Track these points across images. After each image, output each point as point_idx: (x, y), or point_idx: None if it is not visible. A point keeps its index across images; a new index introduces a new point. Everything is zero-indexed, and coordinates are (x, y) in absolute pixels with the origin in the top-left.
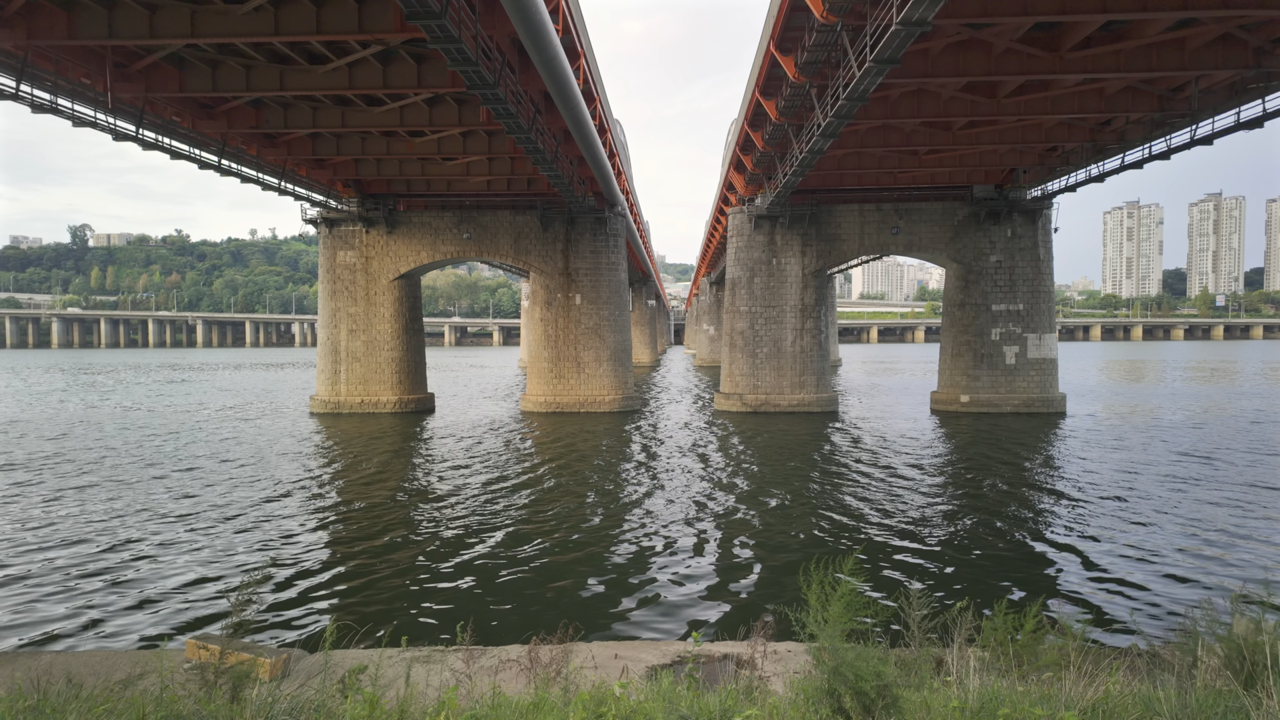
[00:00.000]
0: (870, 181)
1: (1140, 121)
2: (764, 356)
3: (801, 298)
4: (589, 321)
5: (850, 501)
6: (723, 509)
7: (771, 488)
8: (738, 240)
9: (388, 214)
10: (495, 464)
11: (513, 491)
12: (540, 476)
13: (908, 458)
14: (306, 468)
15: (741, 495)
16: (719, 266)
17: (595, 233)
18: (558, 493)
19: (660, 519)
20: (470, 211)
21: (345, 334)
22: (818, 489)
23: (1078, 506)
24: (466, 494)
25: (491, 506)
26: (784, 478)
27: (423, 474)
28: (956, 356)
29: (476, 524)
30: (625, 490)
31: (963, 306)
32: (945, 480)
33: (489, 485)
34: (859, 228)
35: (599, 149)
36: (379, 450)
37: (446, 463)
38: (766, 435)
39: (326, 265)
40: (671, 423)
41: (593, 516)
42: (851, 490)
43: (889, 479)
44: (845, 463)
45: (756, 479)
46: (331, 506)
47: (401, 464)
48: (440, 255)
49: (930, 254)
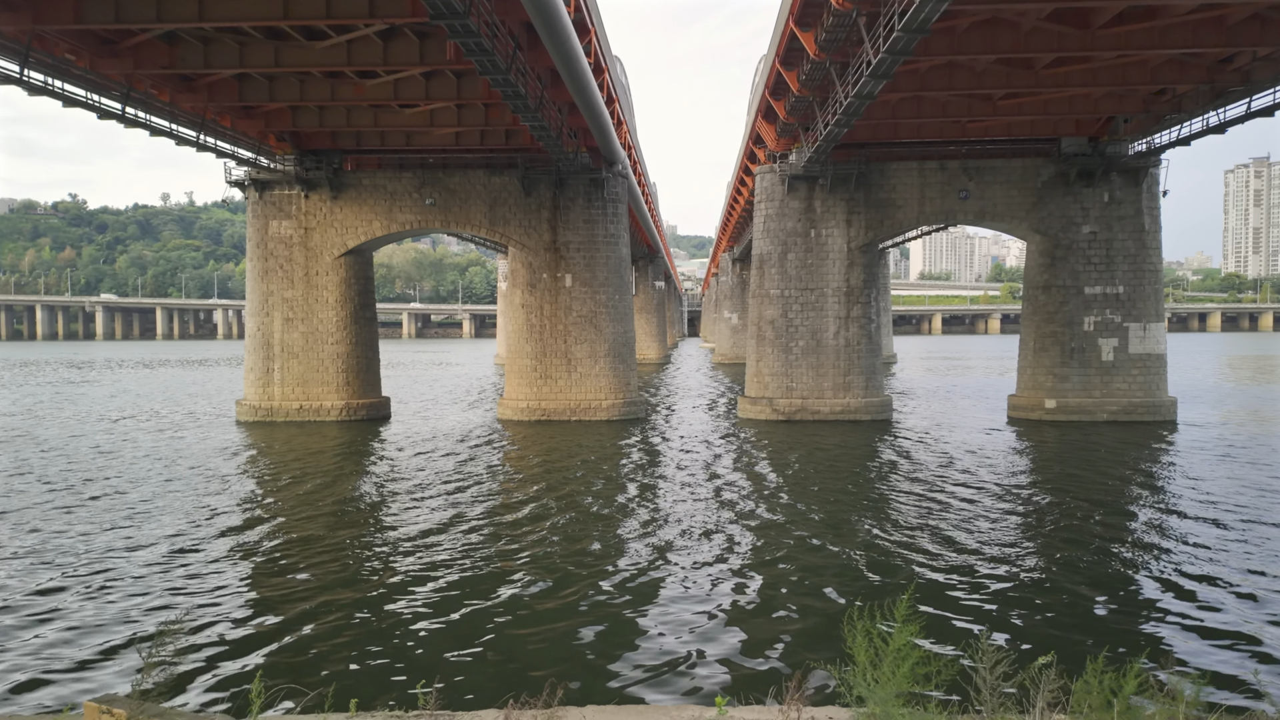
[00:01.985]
0: (933, 133)
1: (1271, 58)
2: (800, 352)
3: (846, 278)
4: (582, 308)
5: (906, 534)
6: (747, 542)
7: (808, 516)
8: (767, 207)
9: (332, 174)
10: (465, 485)
11: (488, 518)
12: (521, 501)
13: (977, 479)
14: (232, 492)
15: (770, 525)
16: (744, 239)
17: (590, 197)
18: (543, 521)
19: (669, 553)
20: (434, 172)
21: (280, 324)
22: (865, 518)
23: (1190, 541)
24: (429, 522)
25: (461, 537)
26: (823, 503)
27: (375, 498)
28: (1040, 352)
29: (442, 559)
30: (626, 518)
31: (1048, 289)
32: (1023, 507)
33: (457, 511)
34: (918, 191)
35: (594, 93)
36: (321, 468)
37: (405, 483)
38: (802, 450)
39: (257, 238)
40: (684, 434)
41: (586, 550)
42: (908, 520)
43: (954, 505)
44: (900, 485)
45: (789, 505)
46: (263, 539)
47: (349, 486)
48: (397, 226)
49: (1007, 224)
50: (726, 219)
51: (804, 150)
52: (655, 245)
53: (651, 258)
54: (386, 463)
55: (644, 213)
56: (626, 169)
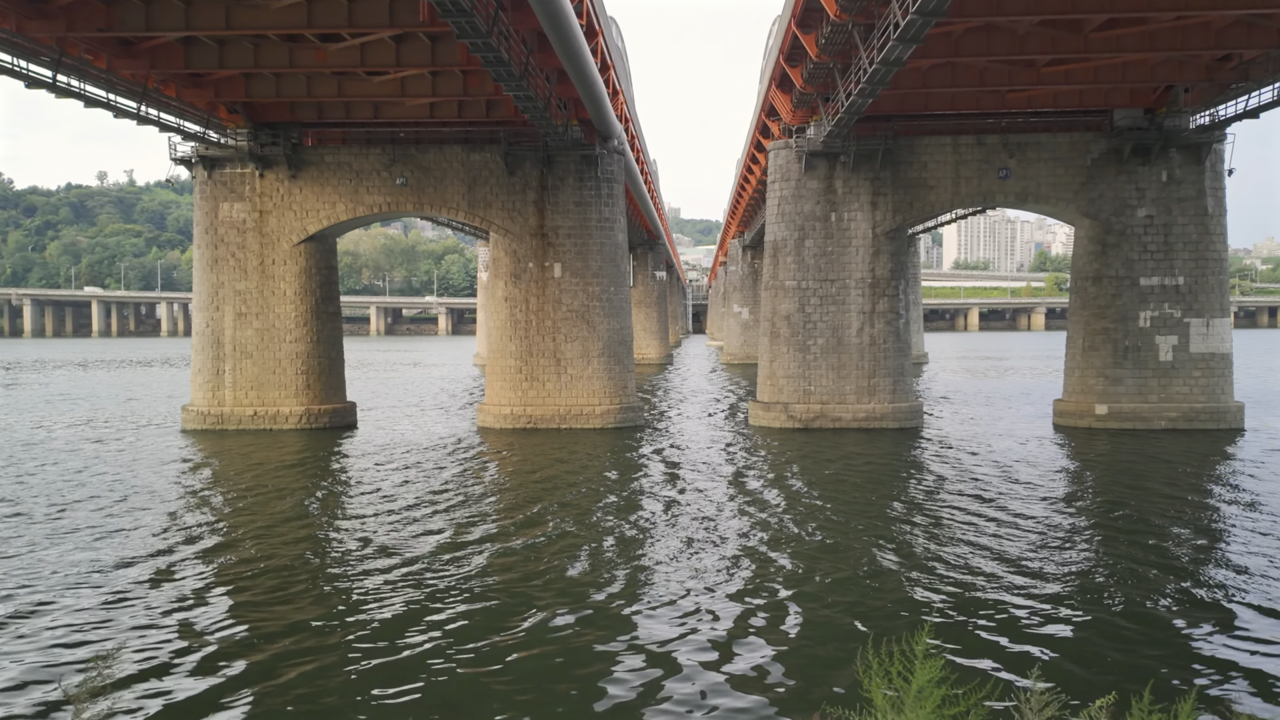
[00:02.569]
0: (969, 104)
1: None
2: (819, 351)
3: (871, 268)
4: (573, 301)
5: (939, 557)
6: (760, 567)
7: (827, 537)
8: (782, 187)
9: (290, 150)
10: (441, 504)
11: (466, 542)
12: (505, 522)
13: (1019, 495)
14: (177, 512)
15: (785, 547)
16: (755, 224)
17: (582, 177)
18: (531, 545)
19: (673, 580)
20: (406, 148)
21: (231, 319)
22: (892, 539)
23: (1263, 570)
24: (401, 547)
25: (438, 565)
26: (845, 523)
27: (340, 518)
28: (1090, 350)
29: (418, 590)
30: (624, 541)
31: (1098, 280)
32: (1071, 528)
33: (433, 534)
34: (952, 169)
35: (586, 59)
36: (278, 484)
37: (373, 502)
38: (821, 462)
39: (205, 223)
40: (688, 444)
41: (580, 577)
42: (941, 541)
43: (992, 525)
44: (932, 502)
45: (805, 525)
46: (213, 567)
47: (310, 505)
48: (364, 209)
49: (1052, 206)
50: (736, 201)
51: (823, 123)
52: (656, 231)
53: (651, 245)
54: (352, 478)
55: (643, 194)
56: (623, 144)
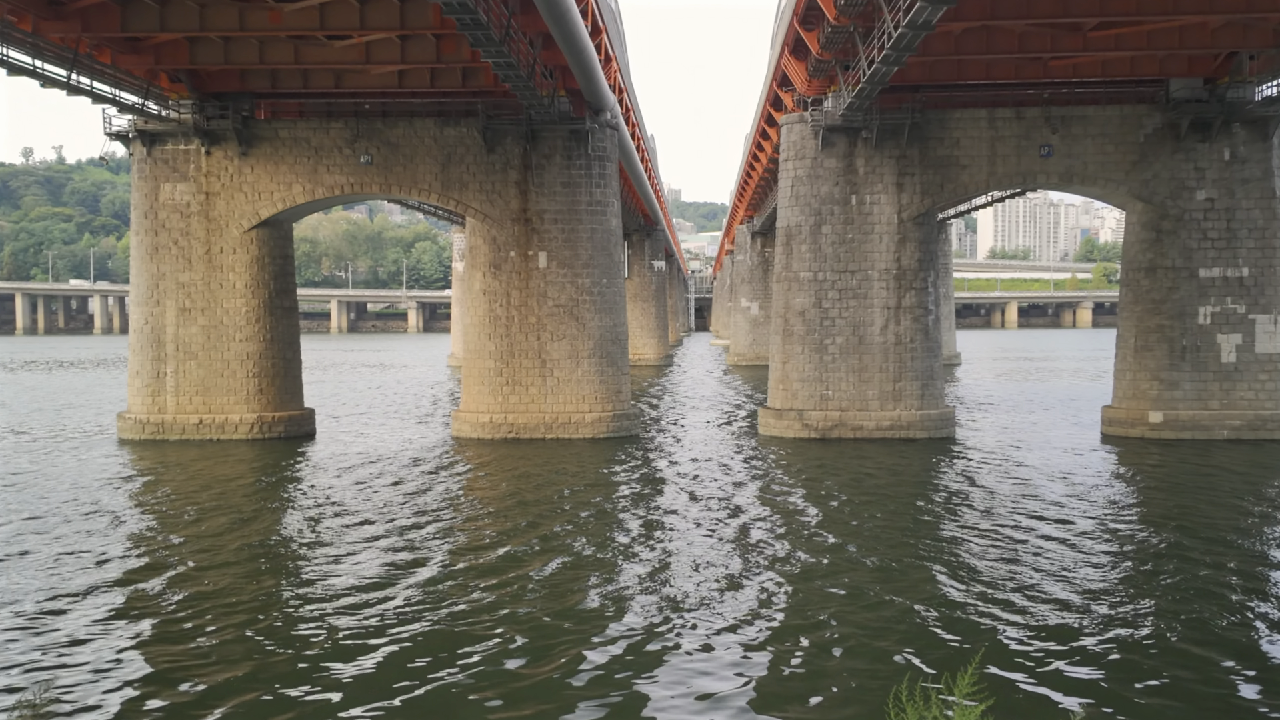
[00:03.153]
0: (1006, 73)
1: None
2: (838, 351)
3: (897, 257)
4: (560, 295)
5: (976, 586)
6: (775, 597)
7: (850, 562)
8: (796, 166)
9: (241, 124)
10: (413, 524)
11: (444, 567)
12: (486, 544)
13: (1064, 514)
14: (114, 533)
15: (802, 574)
16: (766, 208)
17: (570, 154)
18: (516, 571)
19: (679, 611)
20: (372, 121)
21: (174, 315)
22: (923, 566)
23: None
24: (369, 572)
25: (411, 592)
26: (869, 546)
27: (299, 541)
28: (1142, 351)
29: (389, 620)
30: (621, 566)
31: (1152, 272)
32: (1125, 552)
33: (405, 558)
34: (988, 146)
35: (575, 21)
36: (228, 502)
37: (335, 522)
38: (841, 477)
39: (145, 206)
40: (691, 456)
41: (573, 608)
42: (977, 568)
43: (1035, 549)
44: (967, 523)
45: (825, 548)
46: (155, 597)
47: (264, 525)
48: (324, 190)
49: (1100, 188)
50: (744, 182)
51: (842, 94)
52: (654, 215)
53: (649, 231)
54: (312, 496)
55: (639, 174)
56: (617, 118)
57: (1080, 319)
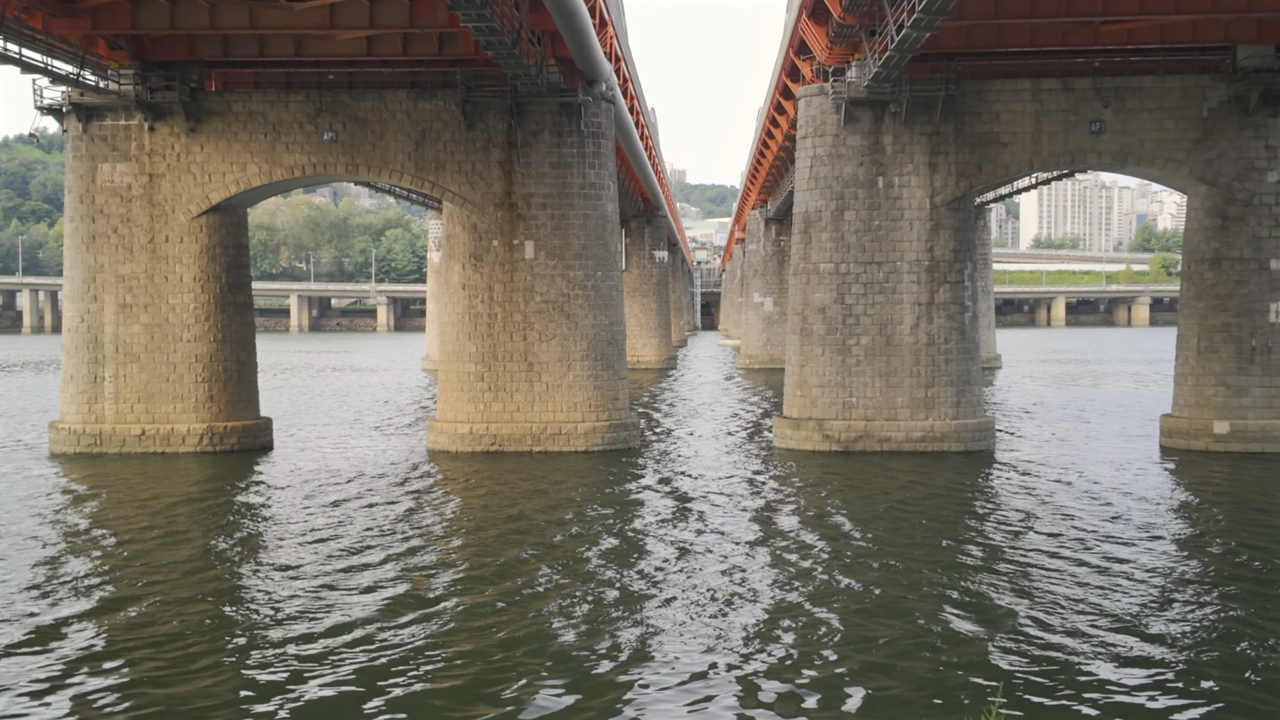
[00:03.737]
0: (1053, 39)
1: None
2: (863, 353)
3: (929, 247)
4: (550, 289)
5: (1023, 617)
6: (798, 635)
7: (881, 590)
8: (816, 144)
9: (189, 97)
10: (383, 553)
11: (421, 600)
12: (468, 574)
13: (1120, 537)
14: (37, 565)
15: (828, 608)
16: (781, 191)
17: (561, 131)
18: (502, 605)
19: (690, 651)
20: (337, 94)
21: (113, 312)
22: (964, 593)
23: None
24: (337, 607)
25: (381, 638)
26: (903, 568)
27: (255, 569)
28: (1207, 352)
29: (362, 663)
30: (624, 602)
31: (1218, 263)
32: (1187, 579)
33: (376, 590)
34: (1032, 121)
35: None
36: (174, 525)
37: (296, 548)
38: (868, 495)
39: (80, 189)
40: (697, 472)
41: (569, 649)
42: (1024, 596)
43: (1087, 575)
44: (1010, 547)
45: (852, 577)
46: (91, 634)
47: (214, 552)
48: (283, 171)
49: (1159, 169)
50: (756, 163)
51: (868, 63)
52: (655, 199)
53: (649, 217)
54: (269, 517)
55: (638, 153)
56: (613, 89)
57: (1136, 316)
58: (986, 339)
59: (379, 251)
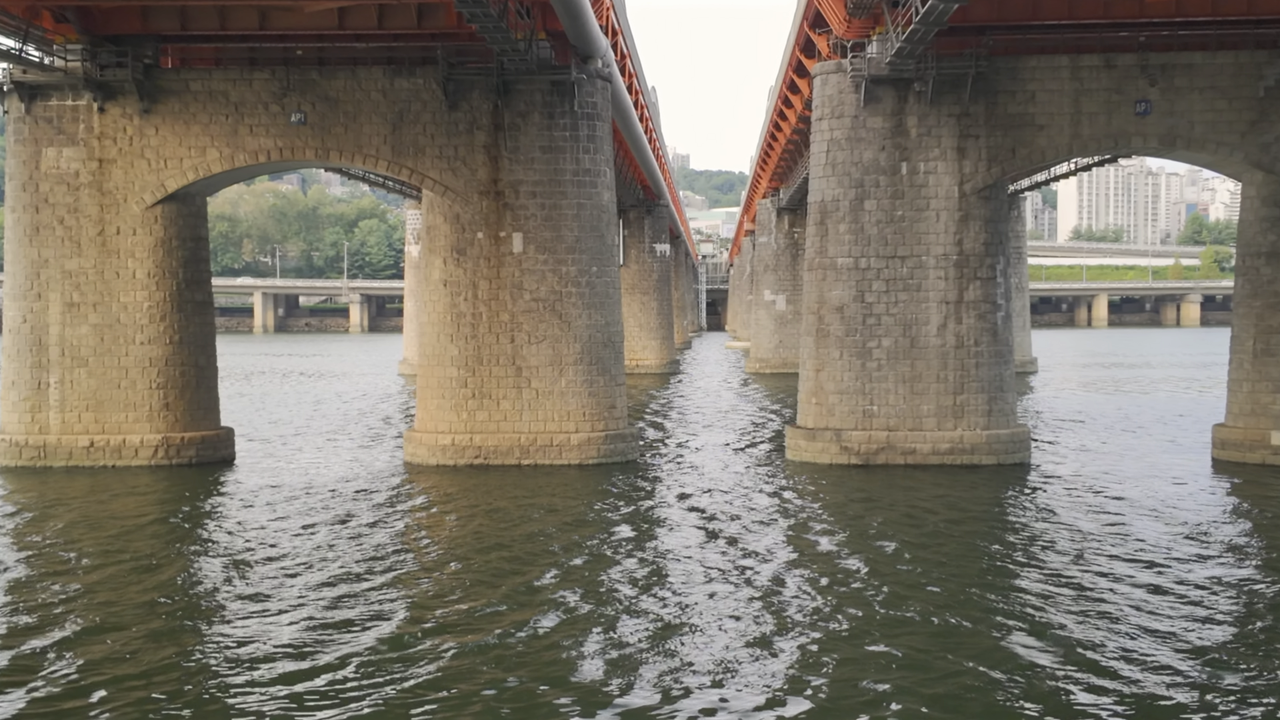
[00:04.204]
0: (1093, 11)
1: None
2: (885, 356)
3: (958, 240)
4: (540, 286)
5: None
6: (817, 669)
7: (908, 625)
8: (833, 126)
9: (143, 75)
10: (361, 578)
11: (403, 646)
12: (451, 602)
13: (1170, 559)
14: None
15: (850, 639)
16: (795, 178)
17: (552, 112)
18: (489, 637)
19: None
20: (306, 71)
21: (59, 311)
22: (999, 627)
23: None
24: (304, 640)
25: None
26: (931, 604)
27: (215, 596)
28: (1264, 356)
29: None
30: (620, 631)
31: (1275, 258)
32: (1240, 611)
33: (349, 621)
34: (1071, 101)
35: None
36: (126, 546)
37: (261, 573)
38: (892, 513)
39: (23, 175)
40: (702, 489)
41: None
42: (1079, 624)
43: (1134, 604)
44: (1051, 571)
45: (877, 606)
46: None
47: (170, 576)
48: (247, 156)
49: (1210, 153)
50: (767, 146)
51: (890, 37)
52: (656, 187)
53: (650, 207)
54: (232, 536)
55: (638, 136)
56: (610, 66)
57: (1185, 315)
58: (1021, 341)
59: (352, 245)
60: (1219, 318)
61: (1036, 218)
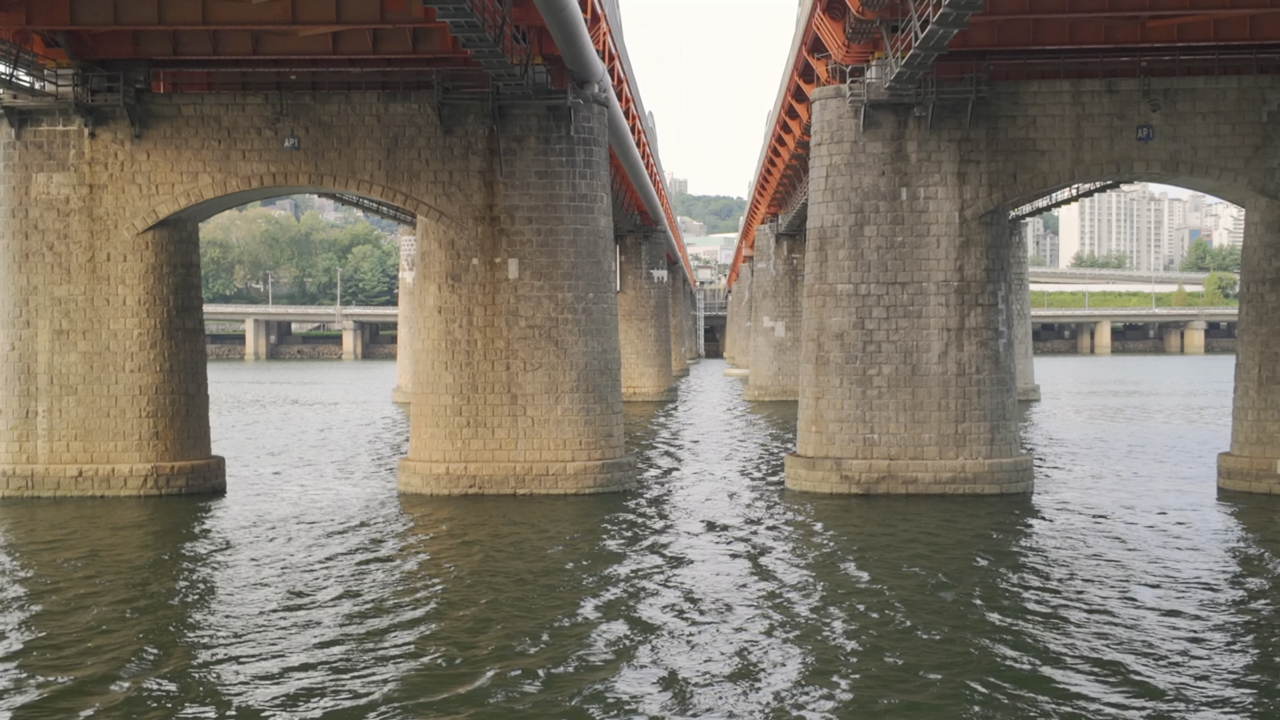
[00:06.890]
0: (1094, 36)
1: None
2: (885, 384)
3: (959, 266)
4: (535, 313)
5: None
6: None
7: (912, 663)
8: (832, 151)
9: (134, 99)
10: (351, 612)
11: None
12: (446, 640)
13: (1172, 594)
14: None
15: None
16: (793, 204)
17: (548, 137)
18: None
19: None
20: (299, 96)
21: (47, 339)
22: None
23: None
24: (297, 680)
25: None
26: (944, 631)
27: (205, 633)
28: (1270, 383)
29: None
30: (616, 672)
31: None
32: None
33: (337, 666)
34: (1073, 126)
35: None
36: (115, 580)
37: (253, 608)
38: (892, 545)
39: (12, 201)
40: (701, 519)
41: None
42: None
43: (1140, 640)
44: (1057, 605)
45: (880, 642)
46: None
47: (161, 613)
48: (239, 182)
49: (1214, 179)
50: (765, 172)
51: (889, 62)
52: (653, 213)
53: (647, 233)
54: (223, 569)
55: (635, 161)
56: (606, 91)
57: (1189, 342)
58: (1023, 368)
59: (345, 271)
60: (1224, 345)
61: (1038, 243)
